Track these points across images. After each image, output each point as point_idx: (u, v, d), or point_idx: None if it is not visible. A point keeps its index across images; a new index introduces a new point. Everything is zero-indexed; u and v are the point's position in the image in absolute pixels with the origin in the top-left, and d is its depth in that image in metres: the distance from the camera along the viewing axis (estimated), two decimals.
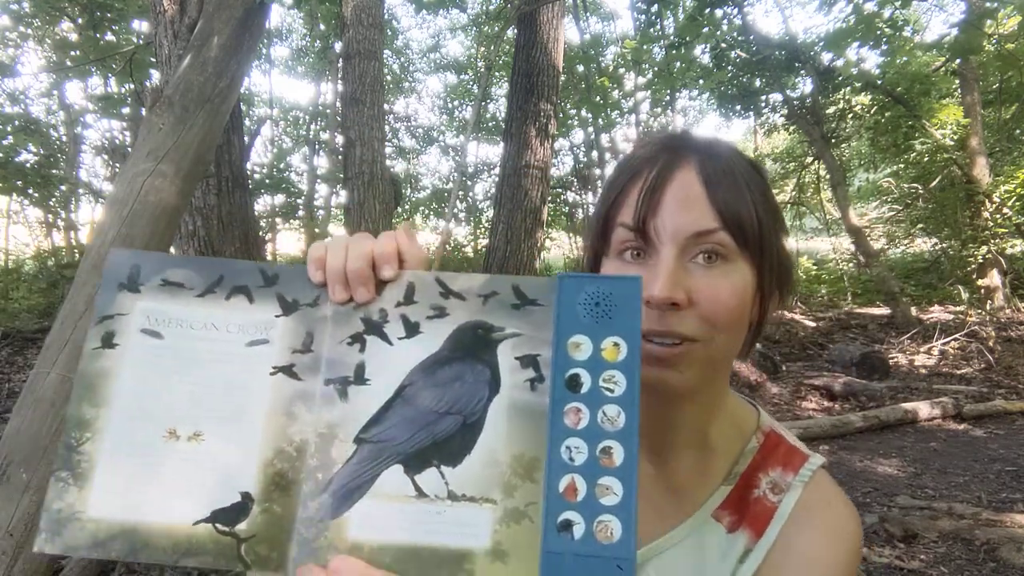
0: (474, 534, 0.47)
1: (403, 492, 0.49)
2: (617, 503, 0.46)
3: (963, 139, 9.84)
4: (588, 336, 0.50)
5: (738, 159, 0.69)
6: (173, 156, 2.21)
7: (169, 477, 0.50)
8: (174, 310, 0.54)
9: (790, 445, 0.76)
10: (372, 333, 0.53)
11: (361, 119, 5.24)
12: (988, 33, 6.81)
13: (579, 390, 0.49)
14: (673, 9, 10.64)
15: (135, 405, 0.51)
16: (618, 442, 0.47)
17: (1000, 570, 3.07)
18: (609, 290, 0.51)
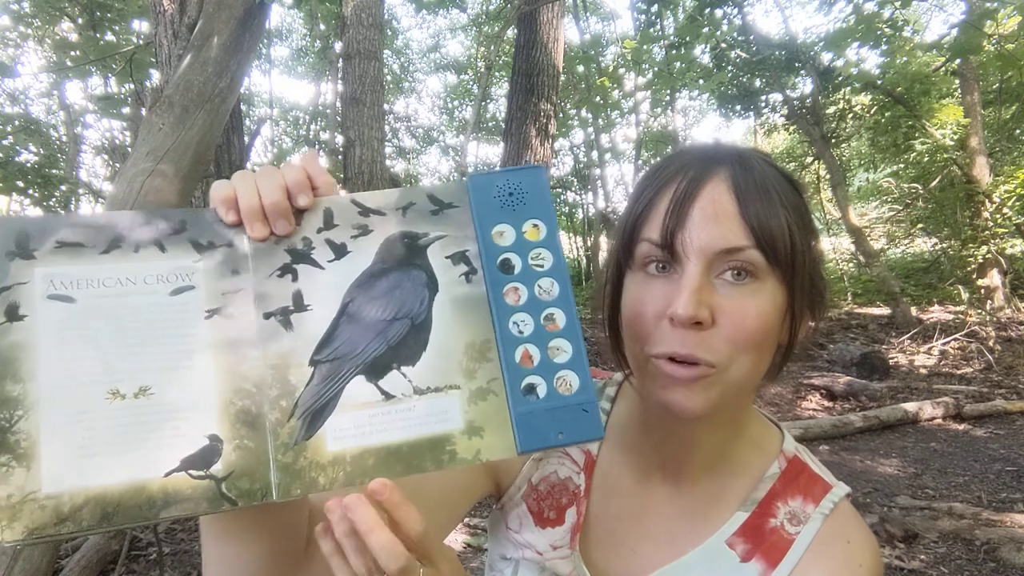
0: (447, 419, 0.51)
1: (371, 399, 0.51)
2: (569, 359, 0.53)
3: (963, 139, 9.84)
4: (508, 223, 0.55)
5: (773, 173, 0.65)
6: (173, 156, 2.21)
7: (125, 436, 0.48)
8: (79, 271, 0.50)
9: (813, 473, 0.72)
10: (301, 262, 0.54)
11: (361, 119, 5.24)
12: (988, 33, 6.81)
13: (512, 271, 0.54)
14: (673, 9, 10.65)
15: (64, 373, 0.48)
16: (558, 308, 0.54)
17: (1000, 570, 3.07)
18: (518, 180, 0.56)
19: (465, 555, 3.37)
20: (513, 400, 0.52)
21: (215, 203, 0.53)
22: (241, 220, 0.53)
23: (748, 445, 0.73)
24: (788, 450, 0.74)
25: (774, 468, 0.72)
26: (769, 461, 0.73)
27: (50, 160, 9.39)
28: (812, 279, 0.66)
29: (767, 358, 0.65)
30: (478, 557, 3.37)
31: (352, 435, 0.51)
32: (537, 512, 0.75)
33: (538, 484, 0.76)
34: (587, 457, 0.76)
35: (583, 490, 0.74)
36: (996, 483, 4.18)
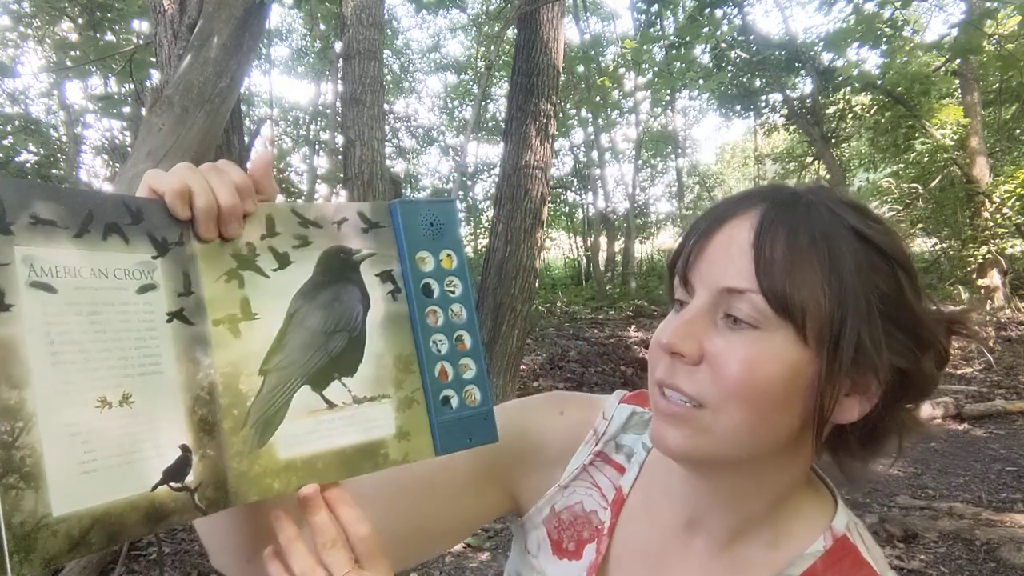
0: (381, 425, 0.57)
1: (316, 407, 0.55)
2: (474, 375, 0.60)
3: (963, 139, 9.84)
4: (429, 251, 0.60)
5: (832, 224, 0.56)
6: (173, 156, 2.21)
7: (118, 449, 0.46)
8: (57, 256, 0.45)
9: (860, 558, 0.64)
10: (247, 268, 0.54)
11: (361, 119, 5.24)
12: (988, 33, 6.81)
13: (432, 295, 0.60)
14: (673, 9, 10.65)
15: (57, 377, 0.44)
16: (466, 330, 0.61)
17: (1000, 570, 3.07)
18: (437, 211, 0.61)
19: (465, 555, 3.37)
20: (435, 410, 0.58)
21: (168, 196, 0.50)
22: (192, 218, 0.51)
23: (791, 516, 0.66)
24: (837, 528, 0.65)
25: (817, 545, 0.64)
26: (813, 537, 0.64)
27: (50, 160, 9.39)
28: (864, 355, 0.56)
29: (777, 421, 0.58)
30: (477, 557, 3.37)
31: (302, 442, 0.54)
32: (556, 541, 0.73)
33: (561, 512, 0.73)
34: (617, 494, 0.71)
35: (607, 528, 0.70)
36: (996, 483, 4.18)
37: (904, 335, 0.58)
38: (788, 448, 0.60)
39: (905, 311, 0.58)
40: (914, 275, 0.59)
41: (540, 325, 10.31)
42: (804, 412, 0.58)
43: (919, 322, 0.58)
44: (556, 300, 13.27)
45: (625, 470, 0.72)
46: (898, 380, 0.58)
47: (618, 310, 12.05)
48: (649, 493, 0.71)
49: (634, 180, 17.68)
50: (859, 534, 0.66)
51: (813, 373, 0.56)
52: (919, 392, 0.62)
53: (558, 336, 9.52)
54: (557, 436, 0.74)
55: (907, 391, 0.60)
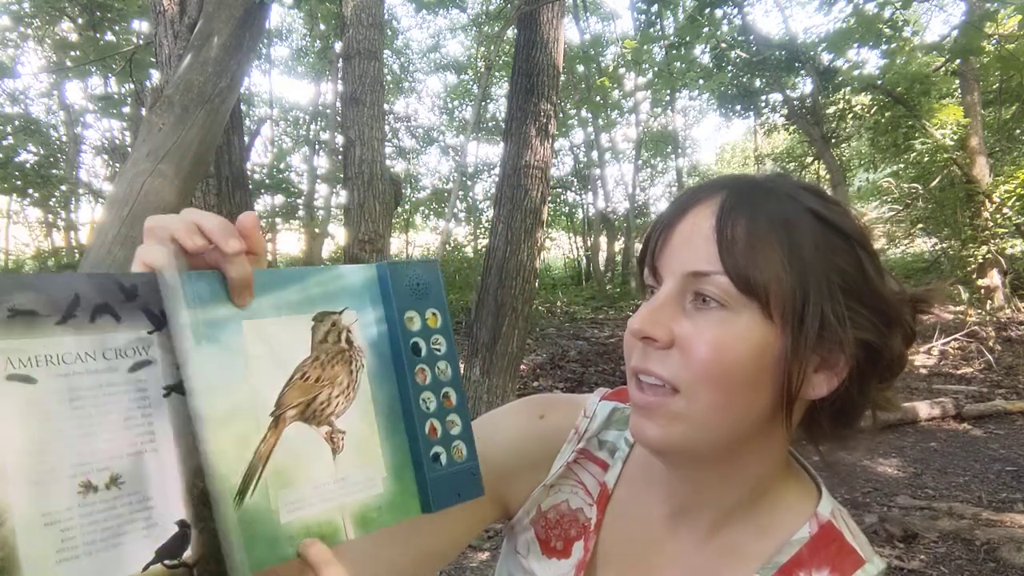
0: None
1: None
2: (460, 431, 0.61)
3: (963, 139, 9.84)
4: (416, 310, 0.61)
5: (790, 207, 0.59)
6: (173, 156, 2.21)
7: (103, 533, 0.45)
8: (37, 345, 0.45)
9: (846, 543, 0.65)
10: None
11: (361, 119, 5.23)
12: (988, 34, 6.81)
13: (420, 354, 0.61)
14: (673, 9, 10.64)
15: (34, 467, 0.43)
16: (451, 387, 0.62)
17: (1000, 570, 3.08)
18: (421, 271, 0.63)
19: (465, 554, 3.37)
20: (427, 467, 0.59)
21: (154, 264, 0.50)
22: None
23: (775, 503, 0.67)
24: (822, 514, 0.66)
25: (803, 532, 0.65)
26: (798, 523, 0.66)
27: (50, 160, 9.40)
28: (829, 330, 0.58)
29: (750, 402, 0.59)
30: (477, 557, 3.37)
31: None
32: (544, 540, 0.73)
33: (547, 511, 0.74)
34: (602, 489, 0.72)
35: (593, 524, 0.71)
36: (996, 483, 4.18)
37: (868, 311, 0.59)
38: (763, 430, 0.62)
39: (867, 288, 0.59)
40: (874, 254, 0.61)
41: (540, 325, 10.31)
42: (775, 391, 0.59)
43: (882, 299, 0.60)
44: (556, 300, 13.28)
45: (609, 466, 0.73)
46: (865, 356, 0.60)
47: (618, 310, 12.05)
48: (633, 487, 0.72)
49: (634, 180, 17.68)
50: (843, 520, 0.67)
51: (780, 350, 0.58)
52: (888, 370, 0.63)
53: (558, 336, 9.52)
54: (539, 440, 0.75)
55: (875, 367, 0.62)
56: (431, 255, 11.59)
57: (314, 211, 13.61)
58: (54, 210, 10.97)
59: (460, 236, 17.44)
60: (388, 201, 5.32)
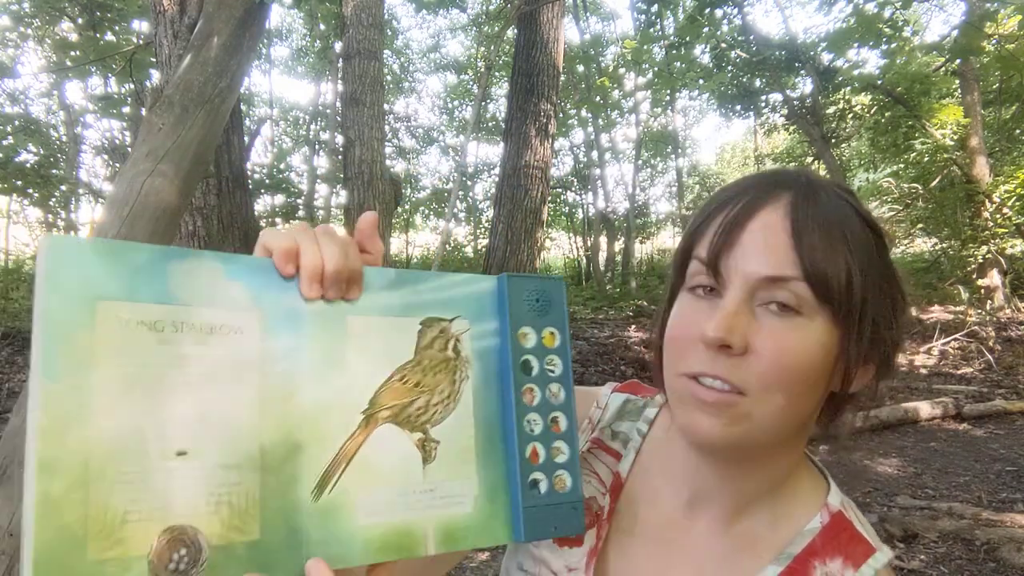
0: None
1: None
2: (567, 460, 0.58)
3: (963, 139, 9.84)
4: (532, 327, 0.59)
5: (845, 208, 0.61)
6: (173, 156, 2.21)
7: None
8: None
9: (856, 532, 0.67)
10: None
11: (361, 119, 5.24)
12: (988, 34, 6.81)
13: (531, 373, 0.58)
14: (673, 9, 10.65)
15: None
16: (562, 412, 0.58)
17: (1000, 570, 3.08)
18: (544, 287, 0.60)
19: (465, 554, 3.37)
20: (523, 493, 0.56)
21: (276, 254, 0.52)
22: (296, 274, 0.52)
23: (789, 494, 0.68)
24: (832, 504, 0.68)
25: (815, 522, 0.66)
26: (811, 514, 0.67)
27: (50, 160, 9.39)
28: (877, 328, 0.60)
29: (806, 402, 0.60)
30: (477, 557, 3.37)
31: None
32: None
33: None
34: (615, 479, 0.73)
35: (606, 513, 0.71)
36: (996, 483, 4.18)
37: (895, 305, 0.62)
38: (804, 426, 0.64)
39: (896, 287, 0.62)
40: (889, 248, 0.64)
41: None
42: (825, 389, 0.61)
43: (901, 291, 0.63)
44: None
45: (621, 456, 0.73)
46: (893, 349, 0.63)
47: (618, 310, 12.05)
48: (647, 477, 0.72)
49: (634, 180, 17.68)
50: (852, 511, 0.69)
51: (839, 351, 0.59)
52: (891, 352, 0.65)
53: None
54: None
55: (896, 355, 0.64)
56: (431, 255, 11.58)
57: (314, 211, 13.60)
58: (54, 210, 10.96)
59: (460, 236, 17.45)
60: (388, 201, 5.32)
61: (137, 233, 2.11)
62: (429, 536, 0.53)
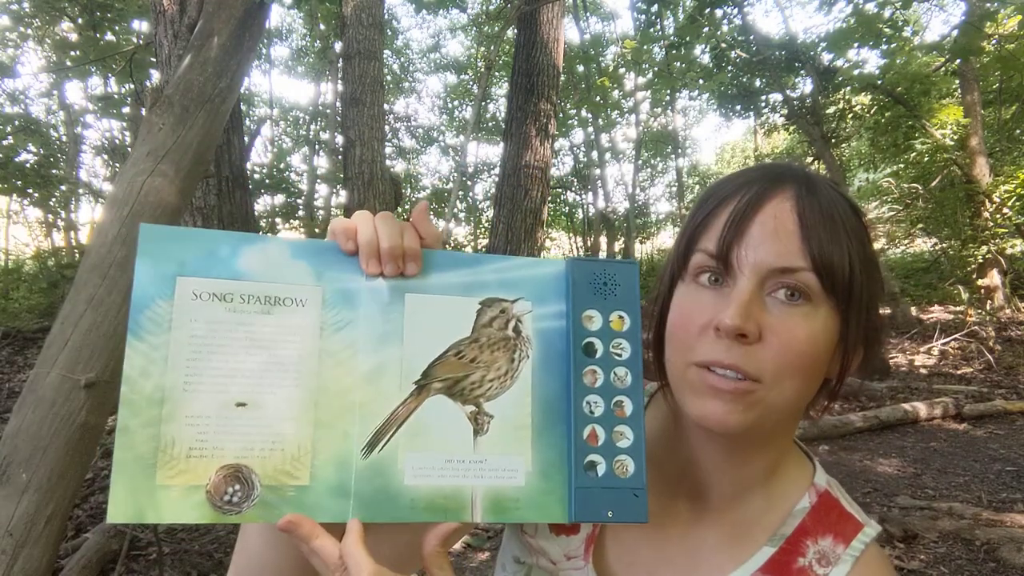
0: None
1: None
2: (630, 445, 0.58)
3: (963, 139, 9.84)
4: (598, 310, 0.59)
5: (839, 199, 0.64)
6: (173, 156, 2.21)
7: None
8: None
9: (844, 510, 0.69)
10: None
11: (361, 119, 5.24)
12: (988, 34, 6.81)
13: (594, 355, 0.58)
14: (673, 9, 10.65)
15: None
16: (627, 397, 0.58)
17: (1000, 570, 3.07)
18: (613, 271, 0.60)
19: (465, 555, 3.37)
20: (576, 473, 0.56)
21: (338, 233, 0.57)
22: (357, 252, 0.56)
23: (780, 476, 0.70)
24: (819, 484, 0.70)
25: (804, 502, 0.69)
26: (799, 495, 0.69)
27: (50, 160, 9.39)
28: (868, 315, 0.63)
29: (812, 387, 0.63)
30: (477, 557, 3.37)
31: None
32: None
33: None
34: None
35: None
36: (996, 483, 4.18)
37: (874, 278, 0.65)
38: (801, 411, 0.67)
39: (878, 269, 0.65)
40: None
41: None
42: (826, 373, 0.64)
43: (882, 276, 0.67)
44: None
45: None
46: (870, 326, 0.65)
47: None
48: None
49: (634, 180, 17.67)
50: (838, 489, 0.71)
51: (839, 336, 0.62)
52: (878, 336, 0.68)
53: None
54: None
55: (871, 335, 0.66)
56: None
57: (314, 211, 13.60)
58: (54, 210, 10.96)
59: (460, 236, 17.44)
60: (388, 201, 5.32)
61: (137, 233, 2.10)
62: (477, 504, 0.55)
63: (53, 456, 1.82)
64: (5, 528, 1.75)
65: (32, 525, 1.77)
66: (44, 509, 1.80)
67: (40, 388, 1.88)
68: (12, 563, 1.74)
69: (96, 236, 2.17)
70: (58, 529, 1.84)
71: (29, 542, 1.77)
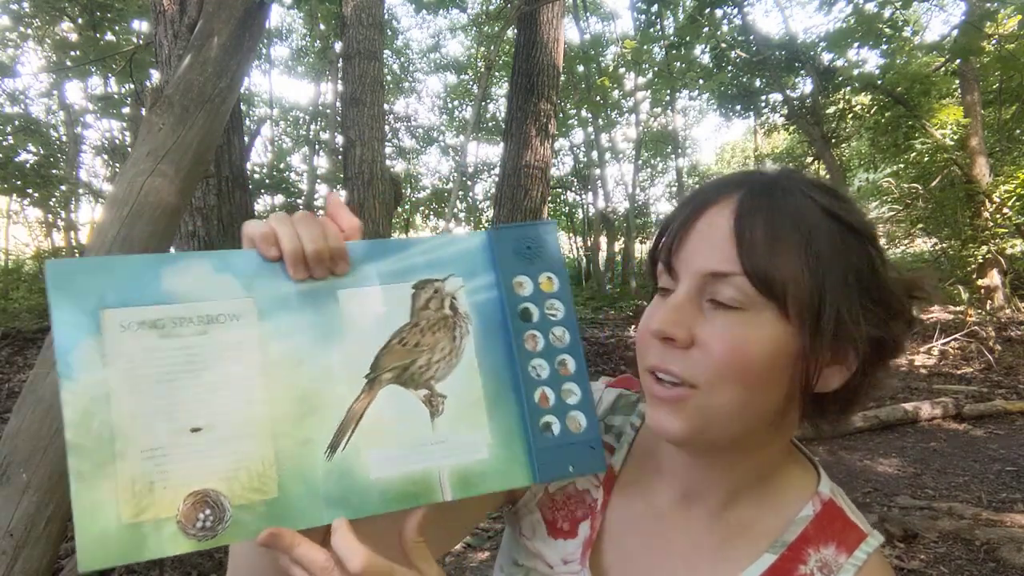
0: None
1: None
2: (578, 401, 0.59)
3: (963, 139, 9.84)
4: (526, 275, 0.60)
5: (805, 206, 0.60)
6: (173, 156, 2.21)
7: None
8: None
9: (848, 519, 0.68)
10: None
11: (361, 119, 5.24)
12: (988, 34, 6.81)
13: (531, 320, 0.59)
14: (673, 9, 10.65)
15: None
16: (568, 355, 0.60)
17: (1000, 570, 3.07)
18: (533, 234, 0.61)
19: (465, 555, 3.37)
20: (534, 436, 0.58)
21: (257, 240, 0.56)
22: (281, 257, 0.55)
23: (780, 484, 0.69)
24: (823, 492, 0.69)
25: (807, 510, 0.68)
26: (803, 502, 0.68)
27: (50, 160, 9.39)
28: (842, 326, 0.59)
29: (766, 397, 0.61)
30: (477, 557, 3.37)
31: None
32: (551, 522, 0.74)
33: (554, 493, 0.75)
34: (609, 472, 0.74)
35: (600, 505, 0.72)
36: (996, 483, 4.18)
37: (877, 306, 0.61)
38: (775, 421, 0.63)
39: (877, 284, 0.61)
40: (881, 249, 0.63)
41: None
42: (789, 385, 0.61)
43: (890, 293, 0.62)
44: None
45: (615, 449, 0.74)
46: (873, 348, 0.61)
47: (618, 310, 12.05)
48: (640, 470, 0.73)
49: (634, 180, 17.68)
50: (842, 498, 0.70)
51: (797, 348, 0.59)
52: (892, 356, 0.64)
53: None
54: None
55: (882, 357, 0.63)
56: None
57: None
58: (54, 210, 10.96)
59: None
60: (388, 201, 5.32)
61: (137, 233, 2.11)
62: (445, 483, 0.56)
63: (53, 456, 1.82)
64: (5, 528, 1.75)
65: (32, 525, 1.77)
66: (44, 509, 1.80)
67: (40, 388, 1.88)
68: (12, 563, 1.74)
69: (96, 236, 2.17)
70: (58, 529, 1.84)
71: (29, 542, 1.77)
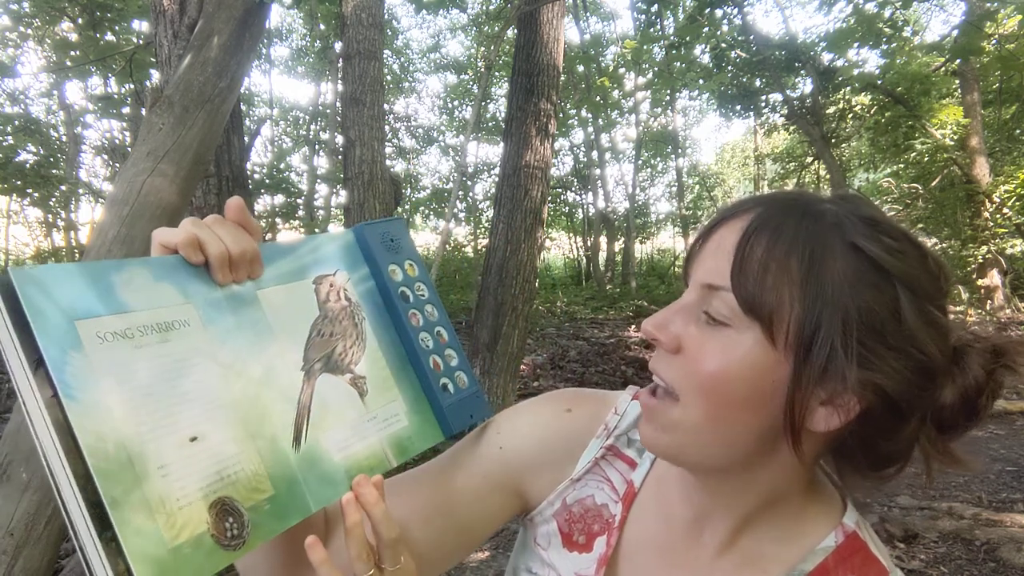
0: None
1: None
2: (458, 362, 0.70)
3: (963, 139, 9.85)
4: (395, 264, 0.68)
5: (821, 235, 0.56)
6: (173, 156, 2.21)
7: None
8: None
9: (870, 553, 0.66)
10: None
11: (361, 119, 5.23)
12: (988, 34, 6.81)
13: (409, 300, 0.68)
14: (673, 9, 10.65)
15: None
16: (441, 327, 0.70)
17: (1000, 570, 3.07)
18: (389, 228, 0.70)
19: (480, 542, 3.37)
20: (439, 395, 0.67)
21: (180, 248, 0.56)
22: (206, 263, 0.57)
23: (798, 514, 0.67)
24: (848, 524, 0.67)
25: (829, 541, 0.66)
26: (824, 532, 0.66)
27: (50, 160, 9.39)
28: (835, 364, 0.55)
29: (736, 417, 0.58)
30: (477, 557, 3.37)
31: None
32: (567, 534, 0.73)
33: (572, 505, 0.74)
34: (628, 488, 0.72)
35: (618, 521, 0.71)
36: (996, 483, 4.18)
37: (893, 355, 0.56)
38: (769, 448, 0.61)
39: (898, 331, 0.56)
40: (922, 295, 0.58)
41: (540, 325, 10.31)
42: (776, 415, 0.58)
43: (917, 344, 0.56)
44: (556, 300, 13.28)
45: (637, 464, 0.73)
46: (881, 400, 0.56)
47: (618, 310, 12.05)
48: (660, 488, 0.72)
49: (634, 180, 17.68)
50: (867, 531, 0.68)
51: (782, 377, 0.57)
52: (941, 422, 0.58)
53: (558, 336, 9.52)
54: (564, 434, 0.74)
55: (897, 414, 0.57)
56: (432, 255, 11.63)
57: (314, 211, 13.61)
58: (54, 210, 10.97)
59: (460, 236, 17.44)
60: (388, 201, 5.32)
61: (137, 233, 2.11)
62: (388, 453, 0.62)
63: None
64: (6, 528, 1.75)
65: (33, 525, 1.77)
66: (45, 508, 1.80)
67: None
68: (13, 563, 1.74)
69: (96, 236, 2.17)
70: (59, 529, 1.84)
71: (30, 542, 1.77)
